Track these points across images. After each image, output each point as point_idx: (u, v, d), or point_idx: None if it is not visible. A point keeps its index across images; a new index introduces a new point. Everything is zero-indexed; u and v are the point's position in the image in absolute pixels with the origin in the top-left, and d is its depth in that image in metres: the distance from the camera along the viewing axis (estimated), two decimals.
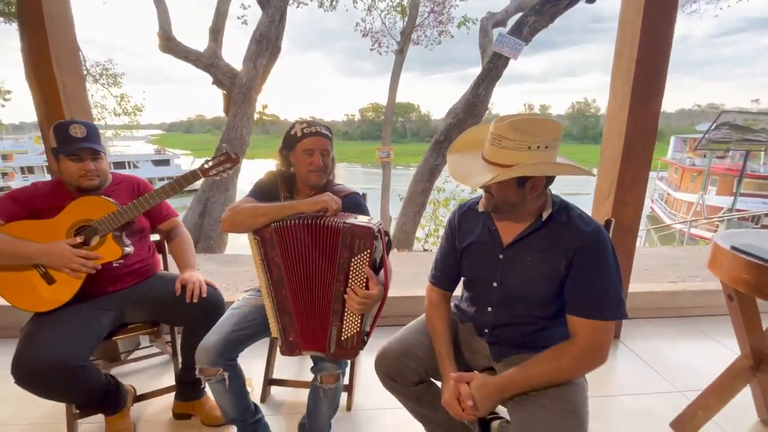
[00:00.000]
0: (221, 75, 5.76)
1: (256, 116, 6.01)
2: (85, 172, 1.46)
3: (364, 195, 1.74)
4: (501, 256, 1.12)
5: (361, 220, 1.13)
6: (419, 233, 6.71)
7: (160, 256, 1.81)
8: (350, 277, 1.11)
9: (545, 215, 1.07)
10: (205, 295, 1.54)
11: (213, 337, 1.31)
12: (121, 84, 10.33)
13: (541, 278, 1.07)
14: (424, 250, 5.65)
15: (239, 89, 5.29)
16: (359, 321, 1.15)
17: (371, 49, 9.93)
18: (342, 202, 1.36)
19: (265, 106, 6.44)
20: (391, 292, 2.56)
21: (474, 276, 1.21)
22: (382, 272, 1.19)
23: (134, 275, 1.59)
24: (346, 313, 1.15)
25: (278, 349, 1.26)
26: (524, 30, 4.94)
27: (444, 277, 1.28)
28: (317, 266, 1.13)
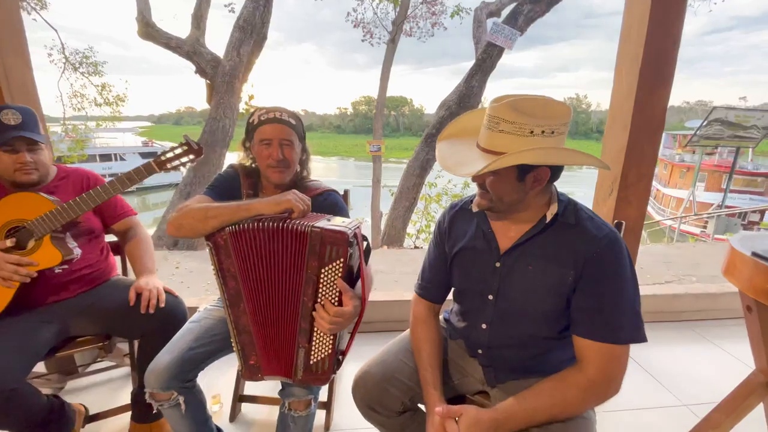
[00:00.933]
0: (204, 63, 5.49)
1: (242, 108, 5.77)
2: (21, 165, 1.26)
3: (346, 192, 1.56)
4: (497, 264, 0.96)
5: (334, 222, 0.95)
6: (410, 229, 6.55)
7: (118, 260, 1.62)
8: (320, 290, 0.94)
9: (550, 216, 0.91)
10: (163, 305, 1.35)
11: (166, 356, 1.13)
12: (102, 73, 9.93)
13: (545, 291, 0.90)
14: (415, 247, 5.49)
15: (221, 77, 5.04)
16: (331, 342, 0.98)
17: (363, 40, 9.68)
18: (315, 202, 1.18)
19: (251, 97, 6.18)
20: (379, 295, 2.41)
21: (466, 287, 1.04)
22: (359, 283, 1.01)
23: (81, 282, 1.40)
24: (315, 334, 0.97)
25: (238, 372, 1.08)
26: (519, 19, 4.76)
27: (432, 287, 1.12)
28: (280, 278, 0.95)
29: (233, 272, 0.97)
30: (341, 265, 0.91)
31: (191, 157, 1.36)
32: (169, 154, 1.33)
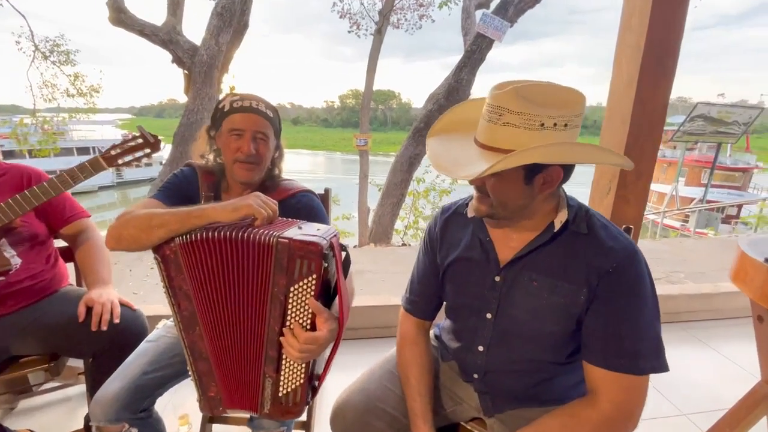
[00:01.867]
0: (181, 52, 5.21)
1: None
2: None
3: (326, 191, 1.40)
4: (497, 278, 0.83)
5: (307, 231, 0.80)
6: (398, 225, 6.41)
7: (70, 268, 1.44)
8: (288, 312, 0.79)
9: (559, 224, 0.78)
10: (117, 320, 1.19)
11: (115, 383, 0.98)
12: (74, 62, 9.46)
13: (552, 311, 0.78)
14: (403, 244, 5.37)
15: (199, 67, 4.78)
16: (303, 371, 0.84)
17: (349, 32, 9.44)
18: (287, 205, 1.03)
19: (232, 89, 5.93)
20: (364, 299, 2.26)
21: (460, 303, 0.91)
22: (337, 300, 0.87)
23: (22, 296, 1.23)
24: (284, 362, 0.83)
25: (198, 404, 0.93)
26: (509, 10, 4.63)
27: (422, 301, 0.98)
28: (241, 298, 0.80)
29: (186, 290, 0.81)
30: (314, 282, 0.76)
31: (147, 151, 1.19)
32: (119, 148, 1.15)
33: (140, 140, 1.20)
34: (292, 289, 0.77)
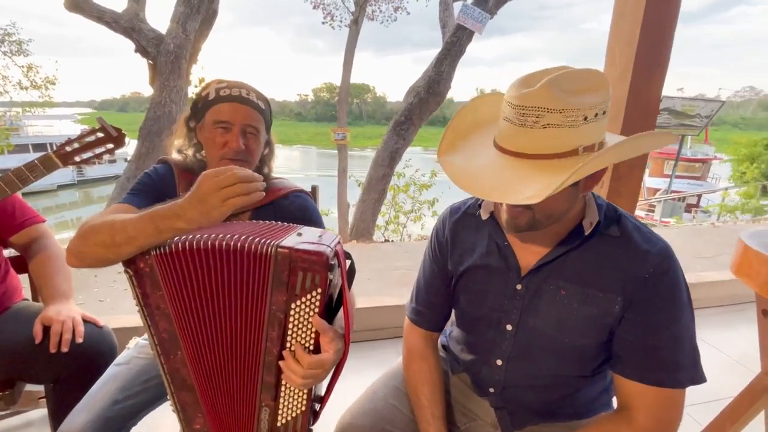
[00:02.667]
0: (145, 41, 4.87)
1: (191, 92, 5.21)
2: None
3: (314, 189, 1.28)
4: (519, 287, 0.75)
5: (307, 237, 0.69)
6: (378, 221, 6.32)
7: (24, 280, 1.26)
8: (289, 333, 0.68)
9: (589, 227, 0.71)
10: (80, 340, 1.04)
11: (81, 415, 0.84)
12: (28, 53, 8.80)
13: (584, 323, 0.71)
14: (386, 240, 5.29)
15: (165, 56, 4.48)
16: (305, 397, 0.73)
17: (323, 23, 9.19)
18: (278, 207, 0.92)
19: (202, 80, 5.63)
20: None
21: (477, 315, 0.82)
22: (340, 313, 0.77)
23: None
24: (283, 388, 0.72)
25: None
26: (489, 1, 4.59)
27: (430, 312, 0.89)
28: (232, 317, 0.69)
29: (164, 309, 0.69)
30: (318, 297, 0.66)
31: (109, 146, 1.04)
32: (76, 144, 1.00)
33: (101, 134, 1.05)
34: (293, 306, 0.66)
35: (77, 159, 1.02)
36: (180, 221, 0.64)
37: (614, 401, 0.88)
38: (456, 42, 4.87)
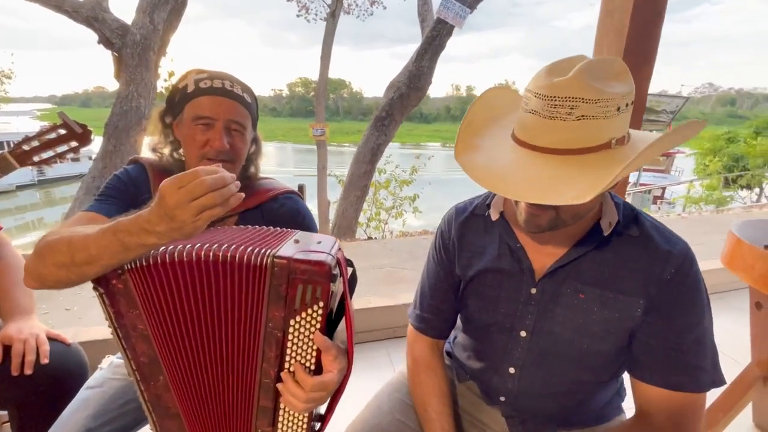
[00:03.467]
0: (109, 32, 4.58)
1: (160, 86, 4.95)
2: None
3: (301, 188, 1.20)
4: (533, 291, 0.71)
5: (306, 245, 0.62)
6: (360, 218, 6.23)
7: None
8: (287, 352, 0.61)
9: (608, 226, 0.67)
10: (46, 361, 0.93)
11: None
12: None
13: (603, 327, 0.67)
14: (369, 237, 5.21)
15: (131, 48, 4.22)
16: (305, 420, 0.66)
17: (298, 16, 8.97)
18: (266, 210, 0.85)
19: (171, 74, 5.37)
20: None
21: (488, 321, 0.77)
22: (341, 326, 0.70)
23: None
24: (282, 413, 0.65)
25: None
26: None
27: (436, 319, 0.84)
28: (222, 336, 0.61)
29: (142, 330, 0.61)
30: (320, 312, 0.59)
31: (73, 144, 0.93)
32: (35, 142, 0.89)
33: (63, 131, 0.93)
34: (292, 322, 0.59)
35: (36, 159, 0.91)
36: (150, 237, 0.54)
37: (624, 404, 0.86)
38: (436, 36, 4.83)
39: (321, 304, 0.59)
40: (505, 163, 0.60)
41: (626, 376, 0.74)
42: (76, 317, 2.46)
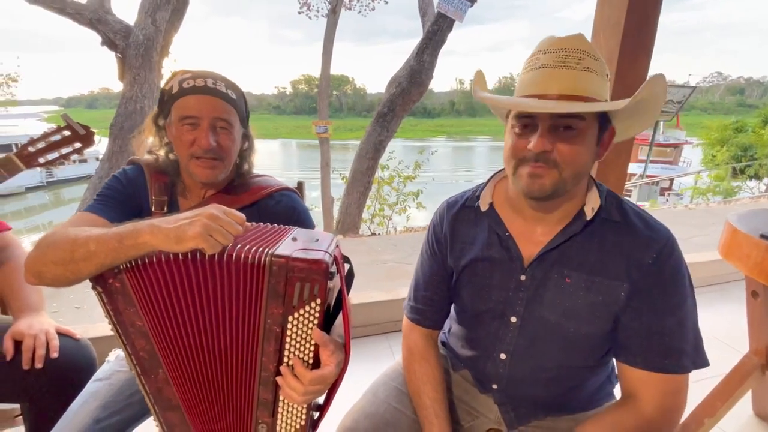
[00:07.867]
0: (112, 34, 4.62)
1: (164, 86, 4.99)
2: None
3: (300, 185, 1.22)
4: (523, 278, 0.73)
5: (303, 242, 0.64)
6: (364, 214, 6.25)
7: None
8: (286, 347, 0.63)
9: (591, 211, 0.69)
10: (55, 355, 0.97)
11: None
12: None
13: (590, 311, 0.70)
14: (372, 234, 5.24)
15: (135, 49, 4.26)
16: (304, 411, 0.69)
17: (300, 13, 8.96)
18: (262, 208, 0.87)
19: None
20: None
21: (480, 309, 0.80)
22: (339, 321, 0.72)
23: None
24: (281, 405, 0.67)
25: None
26: None
27: (430, 310, 0.86)
28: (221, 333, 0.63)
29: (141, 327, 0.63)
30: (318, 308, 0.61)
31: (77, 145, 0.96)
32: (40, 144, 0.91)
33: (67, 133, 0.96)
34: (290, 318, 0.61)
35: (42, 160, 0.94)
36: (144, 243, 0.60)
37: (616, 390, 0.88)
38: (437, 31, 4.81)
39: (318, 300, 0.61)
40: (525, 101, 0.65)
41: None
42: (86, 315, 2.51)
